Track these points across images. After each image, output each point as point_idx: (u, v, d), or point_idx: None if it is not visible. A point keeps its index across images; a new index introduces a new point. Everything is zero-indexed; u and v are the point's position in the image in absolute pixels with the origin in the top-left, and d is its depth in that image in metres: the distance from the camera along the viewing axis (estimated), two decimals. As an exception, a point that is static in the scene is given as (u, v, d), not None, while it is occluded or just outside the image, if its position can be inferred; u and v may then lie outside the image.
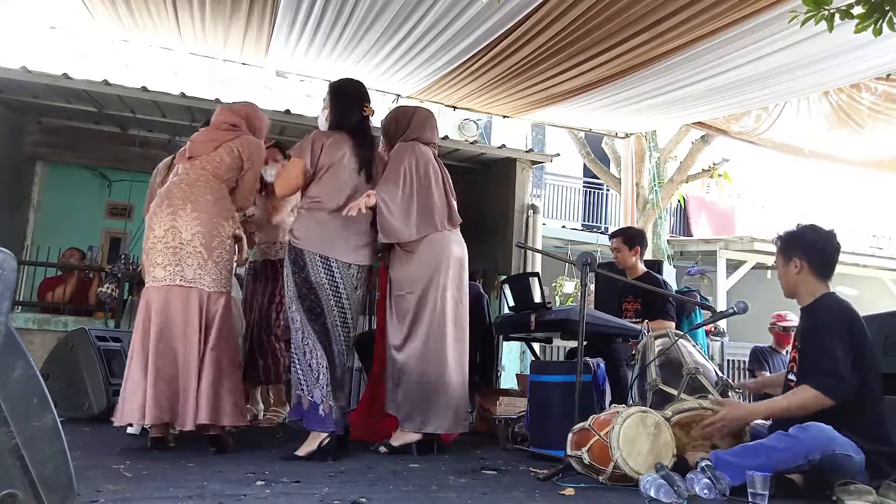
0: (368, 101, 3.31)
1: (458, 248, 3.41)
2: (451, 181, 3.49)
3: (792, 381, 2.79)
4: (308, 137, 3.21)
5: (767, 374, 5.20)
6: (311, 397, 2.99)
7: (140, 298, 3.10)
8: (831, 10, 2.30)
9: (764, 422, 2.94)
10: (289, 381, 3.66)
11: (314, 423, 2.98)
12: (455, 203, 3.46)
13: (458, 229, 3.48)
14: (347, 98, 3.29)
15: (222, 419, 2.99)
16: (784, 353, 5.57)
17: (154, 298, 3.01)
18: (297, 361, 3.06)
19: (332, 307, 3.08)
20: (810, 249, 2.77)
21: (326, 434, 2.96)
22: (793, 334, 5.41)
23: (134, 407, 2.88)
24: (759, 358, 5.62)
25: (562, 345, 5.83)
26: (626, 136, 6.80)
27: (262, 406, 4.33)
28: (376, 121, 3.48)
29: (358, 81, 3.42)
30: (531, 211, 6.44)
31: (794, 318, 5.49)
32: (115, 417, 2.97)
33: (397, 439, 3.19)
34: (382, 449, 3.16)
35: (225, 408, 2.99)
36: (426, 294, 3.26)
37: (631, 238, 4.52)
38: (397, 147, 3.41)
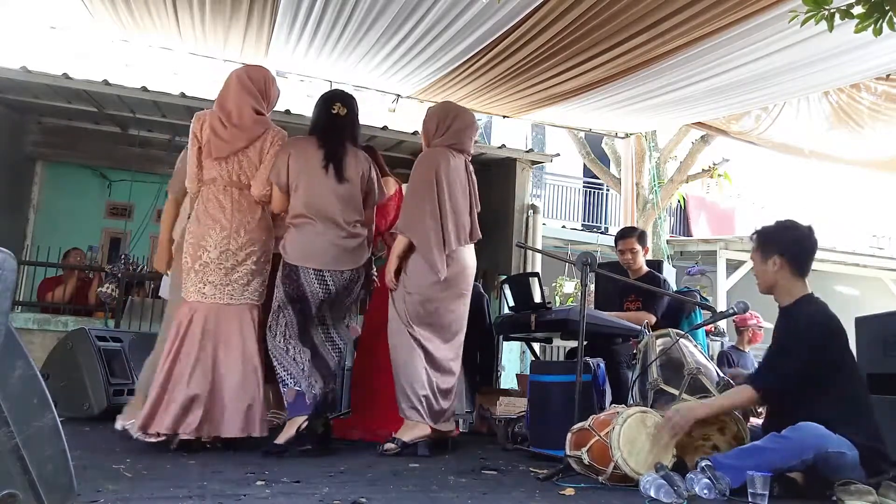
0: (339, 100, 3.30)
1: (471, 260, 3.45)
2: (477, 192, 3.49)
3: None
4: (278, 156, 3.18)
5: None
6: (298, 387, 3.04)
7: (181, 308, 3.11)
8: (831, 10, 2.30)
9: (757, 421, 2.96)
10: None
11: (296, 410, 3.03)
12: (476, 216, 3.47)
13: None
14: (317, 103, 3.35)
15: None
16: (747, 351, 5.80)
17: (200, 313, 3.06)
18: (280, 358, 3.09)
19: (315, 311, 3.16)
20: (790, 248, 2.78)
21: (304, 418, 3.00)
22: (746, 333, 5.65)
23: (170, 417, 2.91)
24: (725, 360, 5.72)
25: (562, 345, 5.84)
26: (626, 136, 6.80)
27: None
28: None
29: (331, 89, 3.49)
30: (531, 211, 6.44)
31: (747, 317, 5.69)
32: (144, 426, 2.92)
33: (406, 433, 3.20)
34: (391, 446, 3.15)
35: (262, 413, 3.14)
36: (441, 304, 3.29)
37: (643, 237, 4.57)
38: (427, 155, 3.40)
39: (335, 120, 3.26)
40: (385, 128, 6.03)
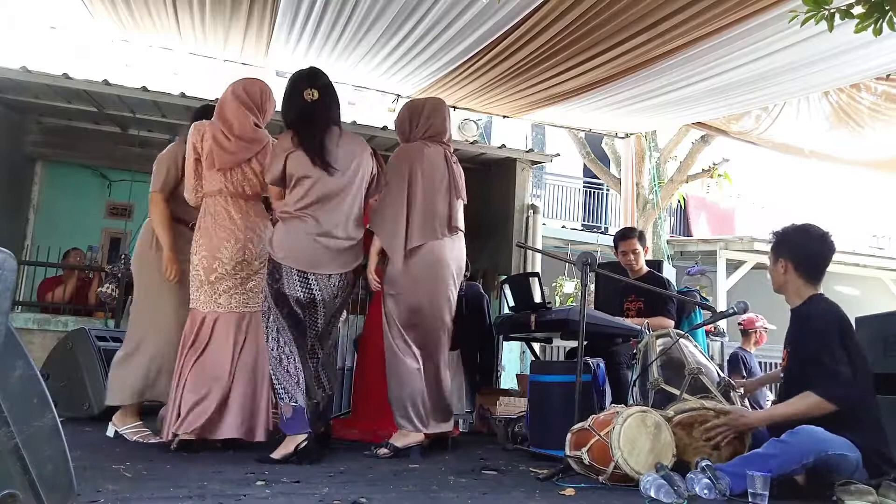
0: (308, 85, 3.04)
1: (453, 253, 3.33)
2: (461, 183, 3.39)
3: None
4: (272, 154, 3.09)
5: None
6: (295, 402, 2.92)
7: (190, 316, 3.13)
8: (831, 10, 2.30)
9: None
10: None
11: (294, 427, 2.91)
12: (461, 207, 3.39)
13: (460, 234, 3.40)
14: (286, 90, 3.12)
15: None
16: (753, 352, 5.91)
17: (218, 322, 3.09)
18: (274, 369, 2.97)
19: (306, 316, 3.05)
20: (797, 252, 2.78)
21: (304, 437, 2.89)
22: (753, 335, 5.73)
23: (203, 420, 2.96)
24: (741, 362, 5.75)
25: (562, 345, 5.84)
26: (626, 136, 6.80)
27: None
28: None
29: (296, 73, 3.16)
30: (531, 211, 6.44)
31: (754, 318, 5.75)
32: (177, 431, 2.94)
33: (400, 440, 3.19)
34: (384, 451, 3.14)
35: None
36: (420, 299, 3.23)
37: (643, 237, 4.59)
38: (402, 150, 3.37)
39: (308, 108, 3.03)
40: (385, 128, 6.03)
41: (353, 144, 3.14)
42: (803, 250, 2.79)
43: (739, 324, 6.04)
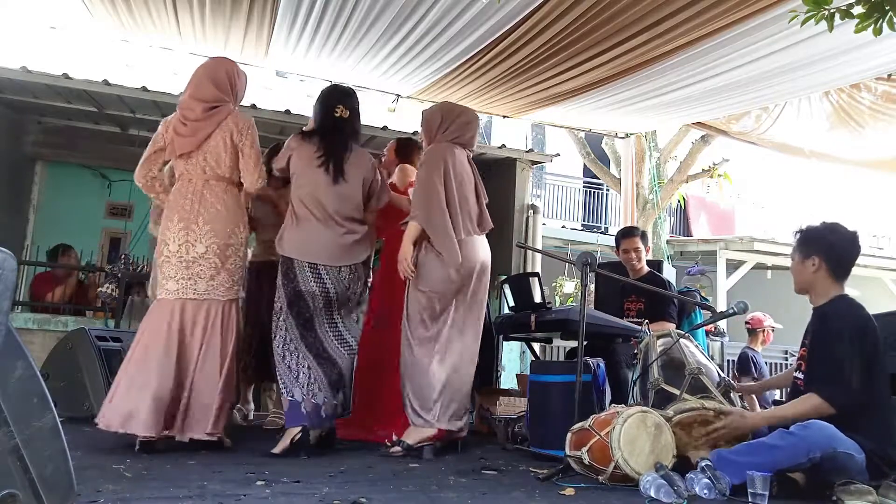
0: (341, 103, 3.34)
1: (483, 253, 3.47)
2: (482, 185, 3.54)
3: (799, 378, 2.80)
4: (281, 151, 3.39)
5: (749, 380, 5.24)
6: (291, 397, 3.06)
7: (151, 306, 3.12)
8: (831, 10, 2.30)
9: None
10: None
11: (291, 420, 3.05)
12: (486, 207, 3.51)
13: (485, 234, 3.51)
14: (319, 102, 3.41)
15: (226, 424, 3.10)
16: (759, 351, 5.90)
17: (166, 310, 3.02)
18: (277, 365, 3.13)
19: (321, 311, 3.17)
20: (831, 251, 2.76)
21: (299, 428, 3.00)
22: (761, 334, 5.73)
23: (131, 416, 2.87)
24: (751, 363, 5.74)
25: (562, 345, 5.84)
26: (626, 136, 6.79)
27: (252, 406, 4.34)
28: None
29: (332, 87, 3.55)
30: (531, 211, 6.44)
31: (762, 318, 5.73)
32: (108, 422, 2.89)
33: (411, 436, 3.18)
34: (396, 449, 3.14)
35: (227, 413, 3.11)
36: (452, 297, 3.30)
37: (645, 237, 4.60)
38: (434, 148, 3.43)
39: (337, 123, 3.31)
40: (385, 128, 6.03)
41: (359, 158, 3.37)
42: (836, 249, 2.76)
43: (747, 323, 6.01)
